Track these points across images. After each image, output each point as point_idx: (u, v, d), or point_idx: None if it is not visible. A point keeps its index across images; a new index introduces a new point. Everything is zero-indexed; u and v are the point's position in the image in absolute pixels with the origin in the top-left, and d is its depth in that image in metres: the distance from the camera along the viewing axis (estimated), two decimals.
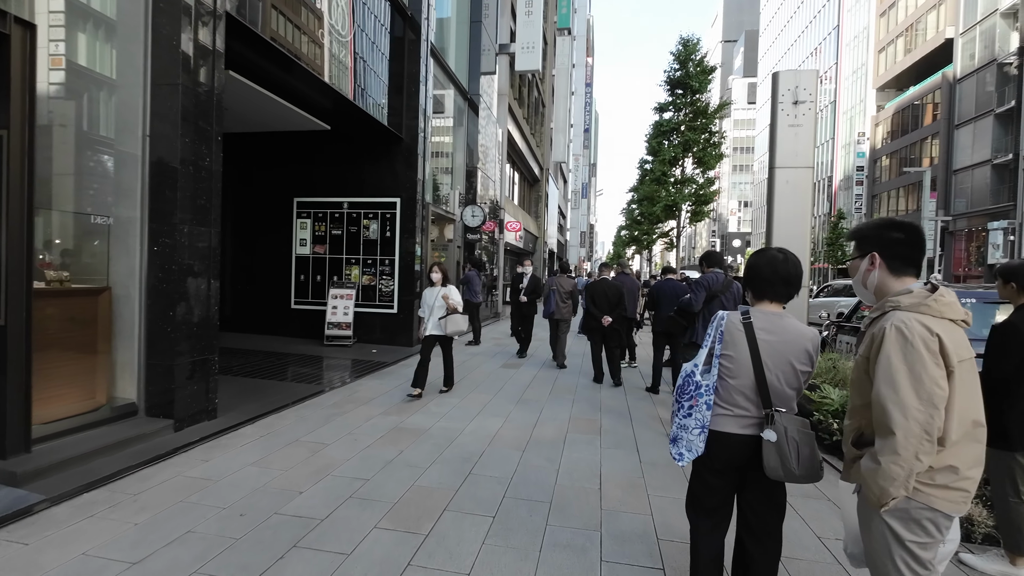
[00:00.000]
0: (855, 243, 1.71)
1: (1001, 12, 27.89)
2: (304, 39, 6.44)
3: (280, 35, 5.90)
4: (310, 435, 4.29)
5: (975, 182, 29.86)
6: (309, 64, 6.41)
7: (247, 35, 5.39)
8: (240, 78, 5.97)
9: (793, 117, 7.14)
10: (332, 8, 6.91)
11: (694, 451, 1.85)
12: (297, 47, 6.26)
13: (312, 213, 9.52)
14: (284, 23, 6.00)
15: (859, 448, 1.63)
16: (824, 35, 50.14)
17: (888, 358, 1.48)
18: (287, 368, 6.88)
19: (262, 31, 5.53)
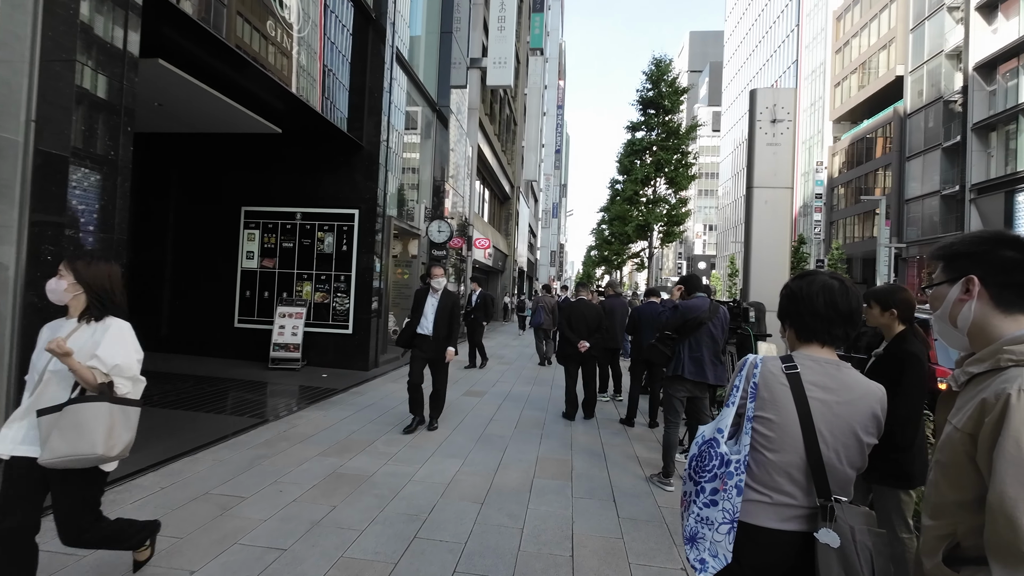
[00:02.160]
0: (943, 263, 1.21)
1: (946, 53, 29.56)
2: (250, 30, 5.81)
3: (220, 24, 5.26)
4: (225, 485, 3.55)
5: (925, 211, 31.20)
6: (255, 58, 5.77)
7: (180, 20, 4.74)
8: (172, 68, 5.29)
9: (771, 136, 6.90)
10: (284, 3, 6.32)
11: (722, 557, 1.29)
12: (240, 38, 5.62)
13: (261, 224, 8.74)
14: (227, 13, 5.37)
15: (954, 567, 1.10)
16: (784, 69, 52.37)
17: (1018, 444, 0.96)
18: (220, 396, 6.06)
19: (200, 19, 4.88)
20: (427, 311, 5.19)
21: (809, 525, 1.28)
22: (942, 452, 1.14)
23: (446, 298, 5.27)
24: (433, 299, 5.24)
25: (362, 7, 8.24)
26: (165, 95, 6.22)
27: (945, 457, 1.13)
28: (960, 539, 1.09)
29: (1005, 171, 24.87)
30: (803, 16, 48.74)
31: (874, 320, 2.54)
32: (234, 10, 5.52)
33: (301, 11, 6.71)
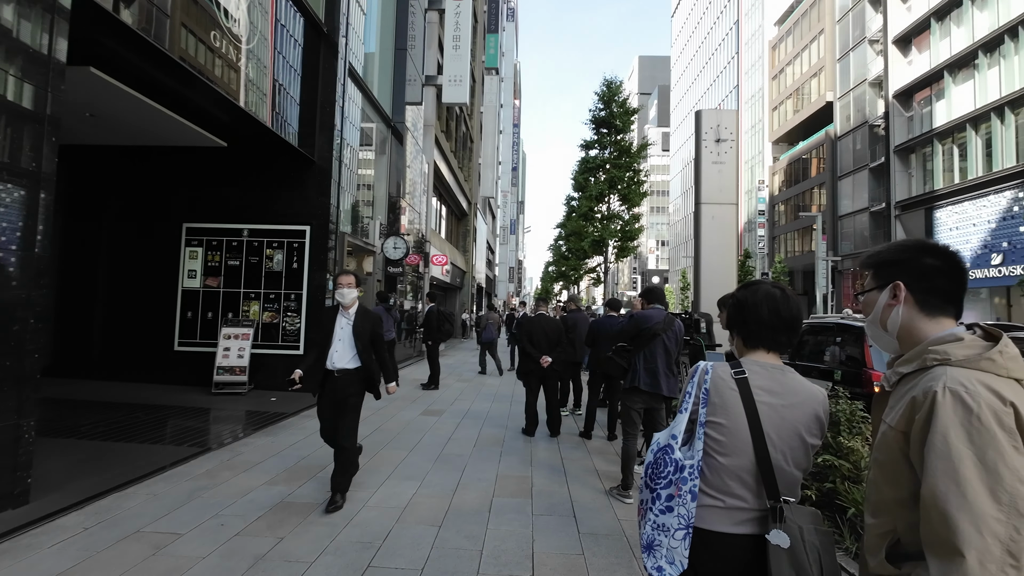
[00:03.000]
0: (872, 271, 1.27)
1: (869, 82, 32.11)
2: (195, 42, 5.60)
3: (163, 35, 5.03)
4: (160, 522, 3.28)
5: (857, 227, 33.44)
6: (200, 71, 5.56)
7: (119, 30, 4.50)
8: (105, 77, 5.02)
9: (716, 155, 7.22)
10: (230, 15, 6.14)
11: (679, 563, 1.29)
12: (185, 49, 5.41)
13: (205, 241, 8.33)
14: (171, 24, 5.15)
15: (895, 563, 1.13)
16: (726, 93, 55.36)
17: (946, 440, 1.00)
18: (157, 425, 5.66)
19: (141, 29, 4.66)
20: (337, 340, 3.76)
21: (760, 528, 1.30)
22: (879, 451, 1.18)
23: (362, 320, 3.80)
24: (345, 321, 3.79)
25: (313, 21, 8.13)
26: (99, 105, 5.88)
27: (882, 455, 1.17)
28: (900, 535, 1.13)
29: (924, 190, 27.07)
30: (742, 44, 51.88)
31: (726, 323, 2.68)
32: (178, 21, 5.31)
33: (249, 24, 6.54)
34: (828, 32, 36.85)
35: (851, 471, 3.30)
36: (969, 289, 6.77)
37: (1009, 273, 21.27)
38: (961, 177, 24.58)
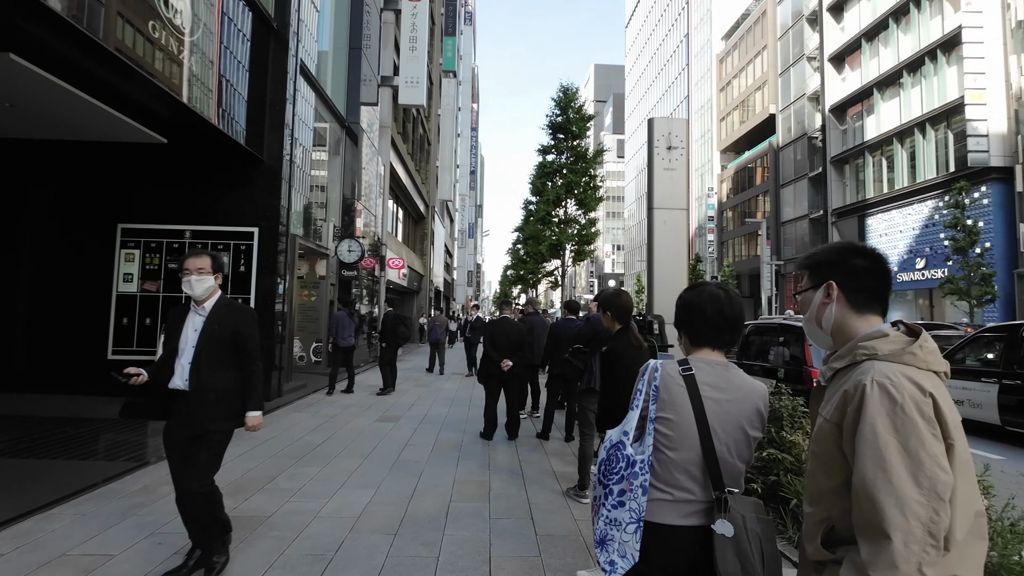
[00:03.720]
0: (808, 271, 1.33)
1: (807, 96, 34.10)
2: (132, 33, 5.29)
3: (97, 24, 4.72)
4: (89, 543, 3.05)
5: (798, 233, 35.36)
6: (138, 63, 5.25)
7: (47, 17, 4.19)
8: (27, 64, 4.65)
9: (668, 162, 7.45)
10: (171, 5, 5.84)
11: (630, 557, 1.31)
12: (121, 40, 5.09)
13: (143, 243, 7.85)
14: (106, 13, 4.84)
15: (830, 548, 1.19)
16: (678, 103, 57.41)
17: (874, 429, 1.06)
18: (88, 440, 5.27)
19: (71, 16, 4.35)
20: (186, 346, 2.69)
21: (707, 519, 1.35)
22: (815, 443, 1.25)
23: (221, 318, 2.72)
24: (199, 320, 2.72)
25: (262, 15, 7.85)
26: (21, 96, 5.45)
27: (818, 447, 1.23)
28: (835, 522, 1.19)
29: (857, 198, 28.96)
30: (692, 57, 53.97)
31: (606, 321, 3.01)
32: (113, 9, 5.00)
33: (193, 15, 6.23)
34: (771, 48, 38.91)
35: (793, 464, 3.46)
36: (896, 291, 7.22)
37: (931, 276, 23.04)
38: (889, 187, 26.46)
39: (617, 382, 2.73)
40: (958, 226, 18.31)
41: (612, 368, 2.81)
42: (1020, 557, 2.47)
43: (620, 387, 2.67)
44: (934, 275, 22.75)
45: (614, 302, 2.99)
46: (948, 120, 22.99)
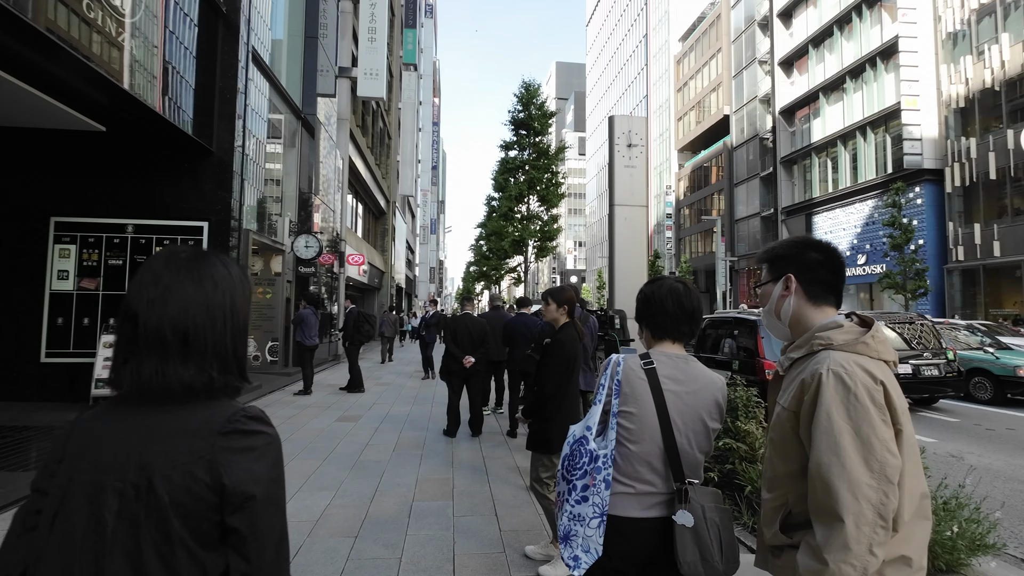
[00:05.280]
0: (767, 265, 1.37)
1: (759, 99, 35.45)
2: (67, 13, 4.92)
3: (25, 3, 4.36)
4: None
5: (751, 230, 36.79)
6: (73, 45, 4.88)
7: None
8: None
9: (628, 159, 7.58)
10: None
11: (593, 551, 1.32)
12: (53, 20, 4.73)
13: (79, 238, 7.35)
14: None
15: (788, 533, 1.23)
16: (637, 101, 58.54)
17: (829, 416, 1.11)
18: (17, 449, 4.89)
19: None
20: None
21: (668, 510, 1.37)
22: (773, 431, 1.29)
23: None
24: None
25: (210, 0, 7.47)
26: None
27: (775, 435, 1.27)
28: (791, 507, 1.23)
29: (804, 197, 30.38)
30: (650, 57, 55.10)
31: (550, 314, 3.12)
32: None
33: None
34: (725, 51, 40.20)
35: (747, 452, 3.59)
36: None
37: (871, 271, 24.47)
38: (834, 187, 27.88)
39: (559, 371, 2.91)
40: (895, 224, 19.48)
41: (557, 356, 2.91)
42: (952, 533, 2.64)
43: (565, 375, 2.92)
44: (874, 270, 24.17)
45: (565, 295, 3.10)
46: (886, 124, 24.42)
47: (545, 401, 2.91)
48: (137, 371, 0.82)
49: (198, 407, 0.84)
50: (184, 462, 0.79)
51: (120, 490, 0.78)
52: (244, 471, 0.81)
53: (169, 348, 0.83)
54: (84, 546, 0.76)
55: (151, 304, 0.84)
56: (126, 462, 0.79)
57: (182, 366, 0.83)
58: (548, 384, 2.90)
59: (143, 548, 0.76)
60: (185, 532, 0.78)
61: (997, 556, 2.91)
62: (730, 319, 8.02)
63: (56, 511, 0.79)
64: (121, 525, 0.77)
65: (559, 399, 2.92)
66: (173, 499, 0.78)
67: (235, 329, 0.90)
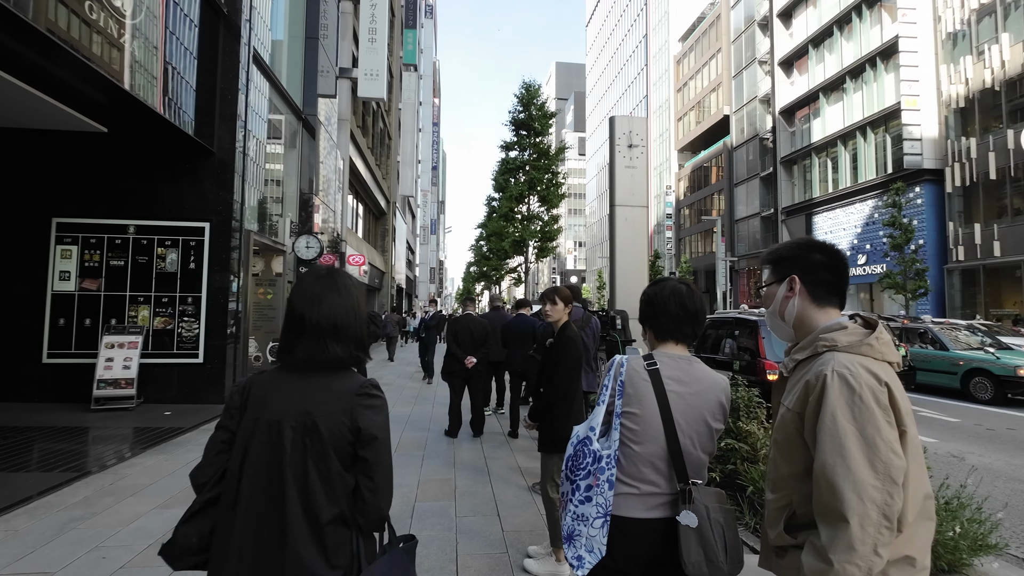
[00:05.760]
0: (771, 266, 1.38)
1: (759, 99, 35.46)
2: (67, 14, 4.92)
3: (26, 3, 4.37)
4: (22, 562, 2.84)
5: (750, 230, 36.79)
6: (74, 46, 4.89)
7: None
8: None
9: (629, 160, 7.58)
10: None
11: (597, 551, 1.33)
12: (54, 21, 4.73)
13: (81, 238, 7.35)
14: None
15: (792, 533, 1.24)
16: (637, 102, 58.55)
17: (834, 418, 1.11)
18: (19, 450, 4.90)
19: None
20: None
21: (671, 511, 1.37)
22: (777, 431, 1.29)
23: None
24: None
25: (211, 1, 7.47)
26: None
27: (780, 436, 1.28)
28: (795, 508, 1.23)
29: (804, 197, 30.38)
30: (650, 57, 55.12)
31: (556, 314, 3.15)
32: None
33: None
34: (725, 51, 40.21)
35: (749, 452, 3.59)
36: None
37: (871, 271, 24.46)
38: (834, 187, 27.88)
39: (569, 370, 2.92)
40: (895, 224, 19.49)
41: (568, 355, 2.90)
42: (954, 533, 2.65)
43: (574, 374, 2.94)
44: (874, 270, 24.17)
45: (564, 293, 3.14)
46: (886, 124, 24.42)
47: (556, 401, 2.89)
48: (306, 349, 1.23)
49: (339, 375, 1.26)
50: (334, 411, 1.21)
51: (293, 425, 1.19)
52: (371, 420, 1.23)
53: (327, 334, 1.24)
54: (272, 460, 1.18)
55: (311, 307, 1.25)
56: (296, 408, 1.20)
57: (336, 345, 1.25)
58: (559, 384, 2.88)
59: (308, 463, 1.18)
60: (334, 455, 1.19)
61: (999, 556, 2.91)
62: (731, 319, 8.03)
63: (248, 437, 1.20)
64: (294, 448, 1.18)
65: (571, 398, 2.92)
66: (328, 434, 1.19)
67: (360, 321, 1.31)
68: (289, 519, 1.14)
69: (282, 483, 1.16)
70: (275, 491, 1.16)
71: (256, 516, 1.16)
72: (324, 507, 1.16)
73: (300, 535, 1.14)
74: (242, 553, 1.15)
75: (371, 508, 1.21)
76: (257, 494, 1.16)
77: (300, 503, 1.15)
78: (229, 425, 1.25)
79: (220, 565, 1.16)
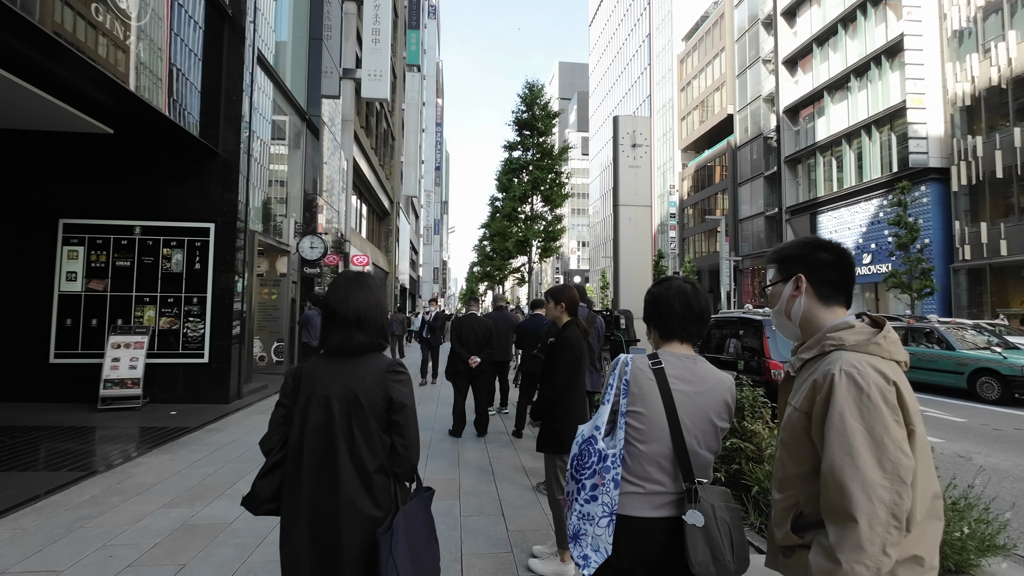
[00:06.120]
0: (776, 265, 1.37)
1: (763, 98, 35.32)
2: (72, 16, 4.96)
3: (32, 5, 4.39)
4: (30, 560, 2.86)
5: (755, 230, 36.65)
6: (79, 47, 4.92)
7: None
8: None
9: (632, 159, 7.57)
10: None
11: (603, 550, 1.32)
12: (59, 23, 4.76)
13: (88, 239, 7.41)
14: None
15: (799, 532, 1.23)
16: (640, 101, 58.43)
17: (842, 417, 1.10)
18: (26, 450, 4.93)
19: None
20: None
21: (677, 510, 1.37)
22: (784, 431, 1.29)
23: None
24: None
25: (216, 2, 7.50)
26: None
27: (787, 435, 1.27)
28: (803, 507, 1.23)
29: (809, 196, 30.25)
30: (654, 57, 54.99)
31: (551, 313, 3.17)
32: None
33: None
34: (728, 50, 40.07)
35: (754, 452, 3.58)
36: None
37: (877, 271, 24.34)
38: (838, 186, 27.75)
39: (567, 369, 2.88)
40: (900, 223, 19.38)
41: (565, 354, 2.89)
42: (961, 533, 2.63)
43: (573, 373, 2.90)
44: (879, 270, 24.04)
45: (567, 294, 3.12)
46: (891, 123, 24.28)
47: (556, 400, 2.88)
48: (339, 338, 1.55)
49: (370, 357, 1.58)
50: (371, 386, 1.53)
51: (340, 399, 1.51)
52: (399, 392, 1.55)
53: (352, 325, 1.56)
54: (325, 427, 1.50)
55: (341, 303, 1.57)
56: (340, 386, 1.52)
57: (359, 334, 1.56)
58: (557, 383, 2.88)
59: (353, 428, 1.50)
60: (374, 422, 1.52)
61: (1007, 557, 2.90)
62: (735, 319, 8.00)
63: (305, 410, 1.52)
64: (342, 417, 1.50)
65: (569, 397, 2.91)
66: (368, 404, 1.51)
67: (381, 314, 1.63)
68: (341, 471, 1.47)
69: (334, 444, 1.49)
70: (329, 450, 1.49)
71: (316, 470, 1.48)
72: (368, 461, 1.49)
73: (351, 483, 1.47)
74: (306, 499, 1.48)
75: (404, 460, 1.54)
76: (316, 453, 1.49)
77: (349, 459, 1.48)
78: (286, 403, 1.57)
79: (290, 509, 1.51)
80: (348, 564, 1.46)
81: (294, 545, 1.51)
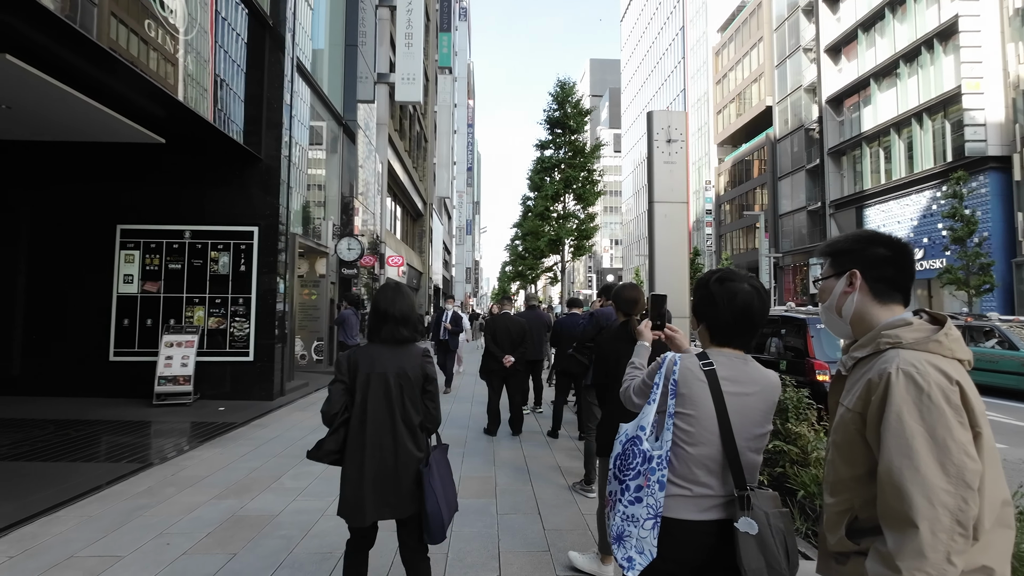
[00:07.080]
0: (829, 259, 1.31)
1: (804, 88, 34.01)
2: (127, 32, 5.24)
3: (90, 23, 4.67)
4: (95, 545, 3.04)
5: (795, 225, 35.35)
6: (133, 62, 5.20)
7: (39, 15, 4.15)
8: (24, 65, 4.61)
9: (668, 155, 7.41)
10: (165, 4, 5.79)
11: (648, 552, 1.30)
12: (115, 40, 5.05)
13: (142, 244, 7.81)
14: (99, 12, 4.79)
15: (854, 539, 1.18)
16: (674, 96, 57.25)
17: (900, 418, 1.05)
18: (90, 442, 5.25)
19: (65, 16, 4.30)
20: None
21: (724, 513, 1.33)
22: (836, 432, 1.23)
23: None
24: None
25: (258, 13, 7.79)
26: (16, 97, 5.41)
27: (839, 437, 1.22)
28: (857, 512, 1.18)
29: (854, 190, 28.95)
30: (687, 50, 53.77)
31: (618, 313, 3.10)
32: (107, 8, 4.95)
33: (187, 14, 6.18)
34: (767, 40, 38.77)
35: (799, 455, 3.46)
36: None
37: (929, 267, 23.06)
38: (887, 178, 26.44)
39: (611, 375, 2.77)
40: (956, 216, 18.31)
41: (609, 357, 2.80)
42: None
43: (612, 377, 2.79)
44: (932, 265, 22.77)
45: (622, 296, 3.03)
46: (945, 110, 22.97)
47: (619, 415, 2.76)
48: (389, 331, 2.16)
49: (410, 346, 2.20)
50: (413, 365, 2.17)
51: (394, 375, 2.13)
52: (432, 370, 2.23)
53: (400, 322, 2.17)
54: (384, 394, 2.12)
55: (391, 306, 2.19)
56: (394, 364, 2.14)
57: (404, 329, 2.18)
58: (601, 376, 2.90)
59: (404, 396, 2.14)
60: (417, 391, 2.17)
61: None
62: (777, 318, 7.74)
63: (366, 384, 2.11)
64: (396, 387, 2.12)
65: (609, 393, 2.87)
66: (412, 378, 2.16)
67: (417, 314, 2.24)
68: (396, 427, 2.11)
69: (391, 407, 2.11)
70: (388, 411, 2.11)
71: (378, 427, 2.10)
72: (414, 418, 2.14)
73: (403, 435, 2.11)
74: (371, 446, 2.09)
75: (435, 418, 2.23)
76: (379, 413, 2.10)
77: (401, 418, 2.12)
78: (343, 379, 2.13)
79: (354, 457, 2.10)
80: (404, 488, 2.08)
81: (356, 485, 2.08)
